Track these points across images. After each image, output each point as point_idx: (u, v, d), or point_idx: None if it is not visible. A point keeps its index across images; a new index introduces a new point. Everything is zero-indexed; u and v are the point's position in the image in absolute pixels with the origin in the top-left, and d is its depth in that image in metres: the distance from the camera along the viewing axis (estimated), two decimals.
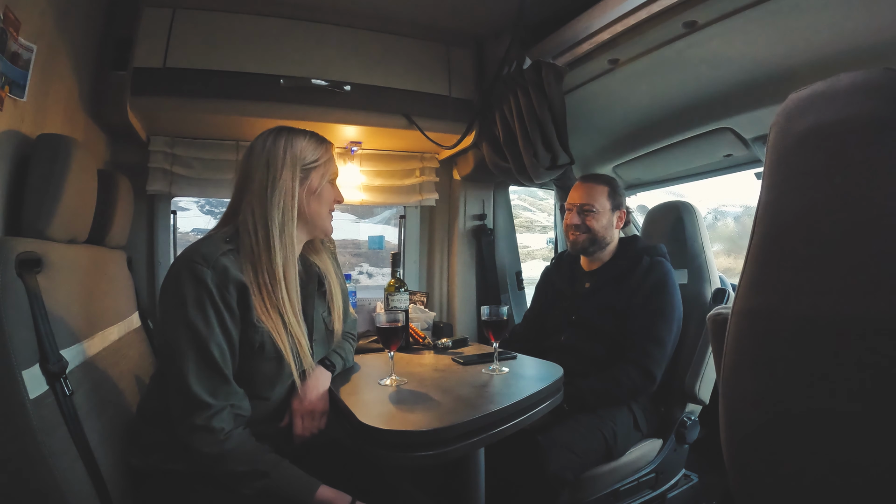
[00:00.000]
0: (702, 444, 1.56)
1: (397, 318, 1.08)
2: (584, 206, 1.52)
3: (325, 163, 1.03)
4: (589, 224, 1.51)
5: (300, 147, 1.00)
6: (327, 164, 1.04)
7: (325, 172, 1.03)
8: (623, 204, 1.57)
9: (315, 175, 1.01)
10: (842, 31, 1.05)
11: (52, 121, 1.14)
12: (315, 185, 1.02)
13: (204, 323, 0.86)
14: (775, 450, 0.62)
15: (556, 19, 1.46)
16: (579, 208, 1.53)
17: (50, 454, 0.76)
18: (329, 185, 1.05)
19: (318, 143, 1.03)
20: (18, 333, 0.77)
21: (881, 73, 0.53)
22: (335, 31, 1.66)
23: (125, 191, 1.41)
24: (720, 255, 3.23)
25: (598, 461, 1.31)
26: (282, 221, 0.95)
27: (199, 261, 0.87)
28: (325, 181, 1.03)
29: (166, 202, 1.83)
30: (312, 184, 1.01)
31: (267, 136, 1.00)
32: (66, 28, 1.17)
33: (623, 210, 1.57)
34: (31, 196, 0.94)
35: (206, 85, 1.50)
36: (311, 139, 1.02)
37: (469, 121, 1.78)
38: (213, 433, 0.84)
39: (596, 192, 1.53)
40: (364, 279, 3.44)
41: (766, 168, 0.63)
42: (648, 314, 1.40)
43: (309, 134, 1.03)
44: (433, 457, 0.83)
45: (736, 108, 1.42)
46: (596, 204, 1.51)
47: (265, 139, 1.00)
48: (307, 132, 1.03)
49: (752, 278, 0.64)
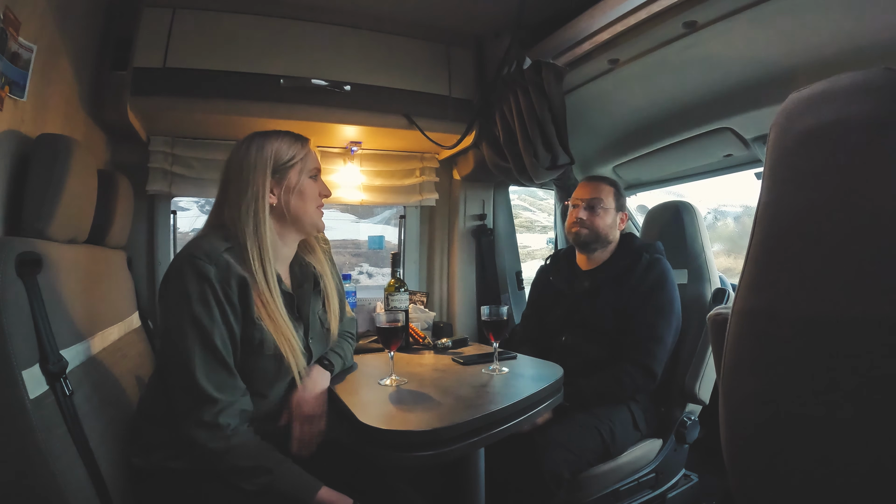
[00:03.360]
0: (702, 444, 1.56)
1: (397, 318, 1.08)
2: (592, 200, 1.52)
3: (301, 159, 1.03)
4: (594, 221, 1.51)
5: (272, 149, 1.00)
6: (304, 161, 1.03)
7: (303, 169, 1.03)
8: (625, 207, 1.59)
9: (293, 173, 1.01)
10: (842, 31, 1.05)
11: (52, 121, 1.14)
12: (293, 183, 1.01)
13: (208, 318, 0.87)
14: (775, 450, 0.62)
15: (556, 19, 1.46)
16: (587, 203, 1.53)
17: (50, 454, 0.76)
18: (310, 180, 1.04)
19: (292, 142, 1.03)
20: (18, 333, 0.77)
21: (881, 73, 0.53)
22: (335, 31, 1.66)
23: (125, 191, 1.41)
24: (720, 255, 3.23)
25: (595, 460, 1.31)
26: (254, 226, 0.96)
27: (202, 257, 0.89)
28: (303, 177, 1.03)
29: (166, 202, 1.83)
30: (290, 182, 1.01)
31: (240, 144, 1.02)
32: (66, 28, 1.17)
33: (625, 213, 1.58)
34: (31, 196, 0.94)
35: (206, 85, 1.50)
36: (285, 139, 1.02)
37: (469, 121, 1.78)
38: (220, 429, 0.85)
39: (602, 190, 1.54)
40: (364, 279, 3.44)
41: (766, 168, 0.63)
42: (648, 312, 1.40)
43: (283, 134, 1.03)
44: (433, 457, 0.83)
45: (736, 108, 1.42)
46: (605, 200, 1.52)
47: (238, 147, 1.02)
48: (282, 132, 1.03)
49: (752, 278, 0.64)
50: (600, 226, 1.52)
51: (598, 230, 1.52)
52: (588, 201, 1.53)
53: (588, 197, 1.54)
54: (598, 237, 1.53)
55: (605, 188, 1.55)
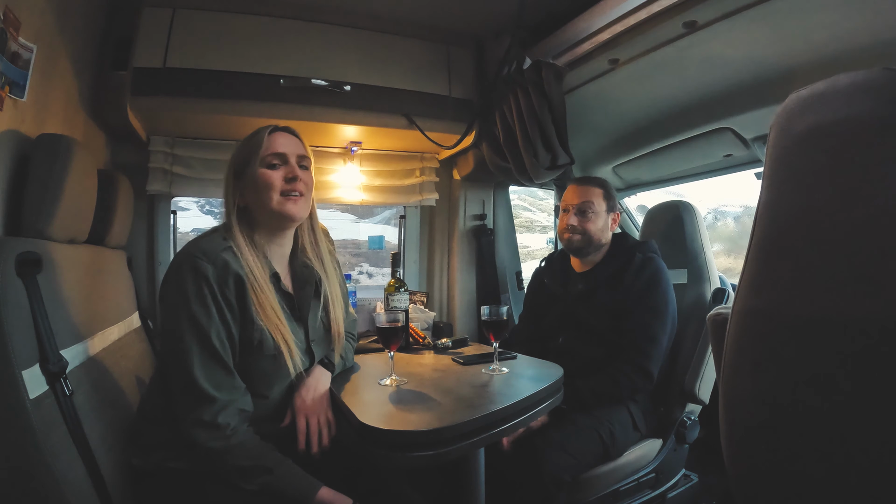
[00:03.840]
0: (702, 444, 1.56)
1: (397, 318, 1.08)
2: (582, 205, 1.51)
3: (252, 150, 0.99)
4: (586, 226, 1.50)
5: (237, 151, 1.02)
6: (258, 152, 0.99)
7: (256, 160, 0.99)
8: (616, 206, 1.57)
9: (249, 168, 0.99)
10: (842, 31, 1.05)
11: (52, 121, 1.14)
12: (249, 178, 0.99)
13: (206, 316, 0.87)
14: (775, 449, 0.62)
15: (556, 19, 1.46)
16: (577, 208, 1.52)
17: (50, 454, 0.76)
18: (267, 169, 0.98)
19: (249, 139, 1.02)
20: (18, 333, 0.77)
21: (881, 73, 0.53)
22: (335, 31, 1.66)
23: (125, 191, 1.41)
24: (720, 255, 3.22)
25: (595, 462, 1.31)
26: (229, 227, 0.97)
27: (200, 256, 0.89)
28: (256, 168, 0.98)
29: (166, 202, 1.83)
30: (248, 178, 0.99)
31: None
32: (66, 28, 1.17)
33: (617, 213, 1.57)
34: (31, 196, 0.94)
35: (206, 85, 1.50)
36: (245, 138, 1.03)
37: (469, 121, 1.78)
38: (220, 429, 0.85)
39: (592, 194, 1.52)
40: (364, 279, 3.43)
41: (766, 168, 0.63)
42: (643, 312, 1.40)
43: (250, 134, 1.03)
44: (433, 457, 0.83)
45: (736, 108, 1.42)
46: (595, 203, 1.51)
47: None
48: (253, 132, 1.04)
49: (752, 278, 0.64)
50: (592, 230, 1.50)
51: (591, 235, 1.51)
52: (578, 206, 1.52)
53: (577, 202, 1.52)
54: (591, 242, 1.51)
55: (594, 191, 1.53)
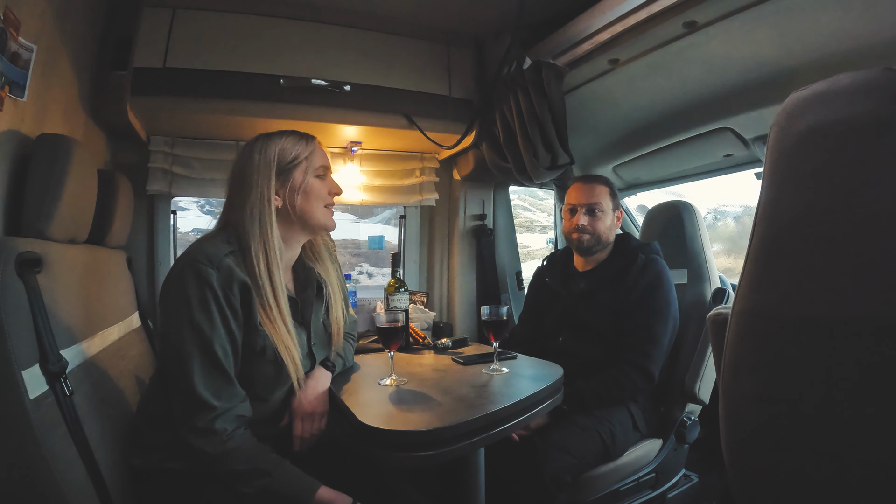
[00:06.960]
0: (702, 444, 1.56)
1: (397, 318, 1.08)
2: (592, 205, 1.51)
3: (306, 158, 1.00)
4: (595, 226, 1.50)
5: (276, 149, 0.98)
6: (310, 159, 1.01)
7: (308, 167, 1.00)
8: (619, 204, 1.58)
9: (297, 172, 0.99)
10: (842, 31, 1.05)
11: (52, 121, 1.14)
12: (298, 183, 0.99)
13: (209, 324, 0.86)
14: (775, 449, 0.62)
15: (556, 19, 1.46)
16: (587, 208, 1.52)
17: (50, 454, 0.76)
18: (317, 179, 1.02)
19: (296, 140, 1.01)
20: (18, 333, 0.77)
21: (881, 73, 0.53)
22: (335, 31, 1.66)
23: (125, 191, 1.41)
24: (720, 255, 3.22)
25: (595, 462, 1.31)
26: (260, 230, 0.94)
27: (204, 261, 0.87)
28: (309, 176, 1.00)
29: (166, 202, 1.83)
30: (295, 182, 0.99)
31: (245, 146, 1.01)
32: (66, 28, 1.17)
33: (620, 210, 1.58)
34: (31, 196, 0.94)
35: (206, 85, 1.50)
36: (289, 138, 1.01)
37: (469, 121, 1.78)
38: (216, 434, 0.84)
39: (599, 192, 1.53)
40: (364, 279, 3.43)
41: (766, 168, 0.63)
42: (645, 313, 1.40)
43: (288, 133, 1.01)
44: (433, 457, 0.83)
45: (736, 108, 1.42)
46: (602, 202, 1.52)
47: (243, 149, 1.01)
48: (286, 132, 1.02)
49: (752, 278, 0.64)
50: (601, 230, 1.51)
51: (600, 234, 1.51)
52: (587, 206, 1.52)
53: (587, 202, 1.52)
54: (600, 241, 1.52)
55: (602, 189, 1.54)
